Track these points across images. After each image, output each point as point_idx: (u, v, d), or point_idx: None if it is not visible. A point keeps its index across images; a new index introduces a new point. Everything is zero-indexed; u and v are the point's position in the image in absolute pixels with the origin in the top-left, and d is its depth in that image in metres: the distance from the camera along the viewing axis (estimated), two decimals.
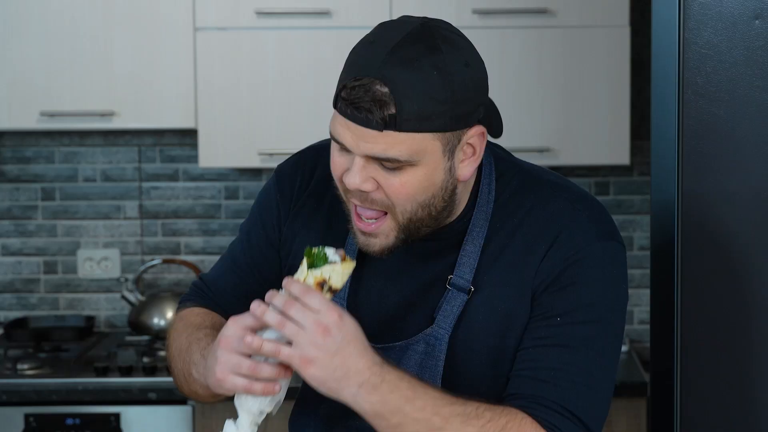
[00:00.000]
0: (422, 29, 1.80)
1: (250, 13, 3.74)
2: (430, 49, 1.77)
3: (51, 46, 3.75)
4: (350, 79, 1.77)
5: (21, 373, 3.67)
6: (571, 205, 1.91)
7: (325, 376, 1.76)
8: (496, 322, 1.89)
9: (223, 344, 1.81)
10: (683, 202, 2.15)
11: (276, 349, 1.77)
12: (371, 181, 1.80)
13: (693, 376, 2.17)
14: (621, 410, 3.59)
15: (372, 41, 1.81)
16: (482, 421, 1.78)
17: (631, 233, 4.12)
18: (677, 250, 2.16)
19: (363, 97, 1.75)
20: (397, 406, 1.76)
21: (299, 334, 1.76)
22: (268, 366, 1.80)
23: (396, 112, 1.74)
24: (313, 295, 1.78)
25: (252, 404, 1.84)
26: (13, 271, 4.19)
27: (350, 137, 1.78)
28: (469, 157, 1.84)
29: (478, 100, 1.81)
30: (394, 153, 1.76)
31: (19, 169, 4.16)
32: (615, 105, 3.70)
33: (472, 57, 1.82)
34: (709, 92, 2.13)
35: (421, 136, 1.76)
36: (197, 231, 4.17)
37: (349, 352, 1.76)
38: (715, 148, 2.14)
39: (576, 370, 1.83)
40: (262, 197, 2.08)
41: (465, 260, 1.90)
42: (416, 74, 1.75)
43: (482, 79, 1.83)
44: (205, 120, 3.75)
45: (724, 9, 2.12)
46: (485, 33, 3.70)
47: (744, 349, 2.16)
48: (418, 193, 1.81)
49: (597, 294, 1.86)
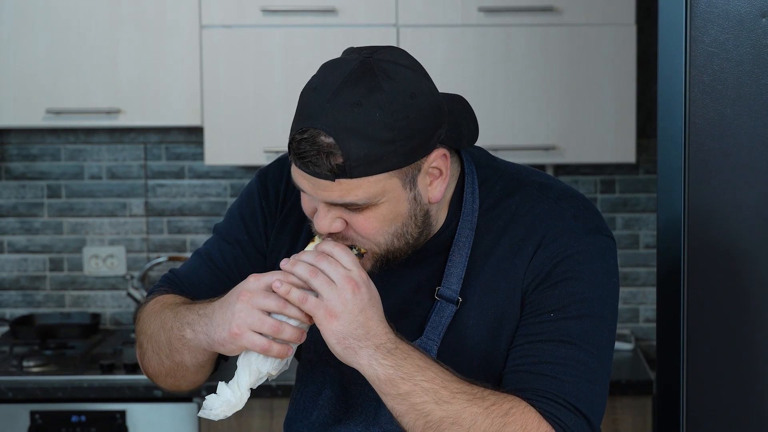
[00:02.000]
0: (362, 67, 1.75)
1: (256, 11, 3.74)
2: (371, 90, 1.73)
3: (57, 44, 3.75)
4: (297, 131, 1.76)
5: (27, 370, 3.68)
6: (556, 204, 1.90)
7: (347, 332, 1.76)
8: (486, 327, 1.89)
9: (245, 298, 1.79)
10: (690, 200, 2.15)
11: (303, 297, 1.77)
12: (339, 221, 1.81)
13: (699, 374, 2.17)
14: (627, 408, 3.59)
15: (314, 87, 1.77)
16: (487, 402, 1.78)
17: (637, 231, 4.12)
18: (684, 248, 2.16)
19: (309, 150, 1.74)
20: (408, 373, 1.76)
21: (329, 286, 1.76)
22: (290, 327, 1.79)
23: (344, 161, 1.73)
24: (346, 254, 1.79)
25: (262, 365, 1.81)
26: (19, 268, 4.19)
27: (308, 185, 1.78)
28: (437, 178, 1.83)
29: (432, 126, 1.78)
30: (351, 198, 1.76)
31: (25, 167, 4.16)
32: (621, 103, 3.70)
33: (418, 86, 1.77)
34: (715, 90, 2.13)
35: (375, 178, 1.75)
36: (203, 228, 4.17)
37: (372, 313, 1.78)
38: (721, 147, 2.13)
39: (574, 363, 1.83)
40: (244, 202, 2.06)
41: (453, 270, 1.90)
42: (359, 118, 1.72)
43: (434, 104, 1.79)
44: (210, 118, 3.75)
45: (730, 7, 2.12)
46: (491, 31, 3.70)
47: (750, 348, 2.16)
48: (386, 226, 1.81)
49: (588, 289, 1.86)
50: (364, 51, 1.79)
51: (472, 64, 3.71)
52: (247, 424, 3.60)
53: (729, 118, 2.13)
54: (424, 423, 1.77)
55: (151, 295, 2.03)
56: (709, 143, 2.14)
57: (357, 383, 1.94)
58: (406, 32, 3.70)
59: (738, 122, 2.13)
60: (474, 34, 3.71)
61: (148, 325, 1.97)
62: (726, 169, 2.14)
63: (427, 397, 1.76)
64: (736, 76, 2.12)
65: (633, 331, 4.13)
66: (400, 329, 1.87)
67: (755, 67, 2.11)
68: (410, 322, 1.91)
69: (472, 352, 1.89)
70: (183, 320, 1.89)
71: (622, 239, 4.11)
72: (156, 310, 1.97)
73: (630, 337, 4.01)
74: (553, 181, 1.96)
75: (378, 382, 1.77)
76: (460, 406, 1.76)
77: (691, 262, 2.16)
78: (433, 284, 1.91)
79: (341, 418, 1.95)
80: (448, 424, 1.76)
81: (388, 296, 1.90)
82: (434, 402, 1.76)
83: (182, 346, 1.89)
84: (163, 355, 1.94)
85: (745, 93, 2.12)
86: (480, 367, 1.89)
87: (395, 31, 3.70)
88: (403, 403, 1.77)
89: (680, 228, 2.17)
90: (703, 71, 2.13)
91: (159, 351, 1.94)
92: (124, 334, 4.10)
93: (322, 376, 1.99)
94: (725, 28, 2.12)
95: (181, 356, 1.91)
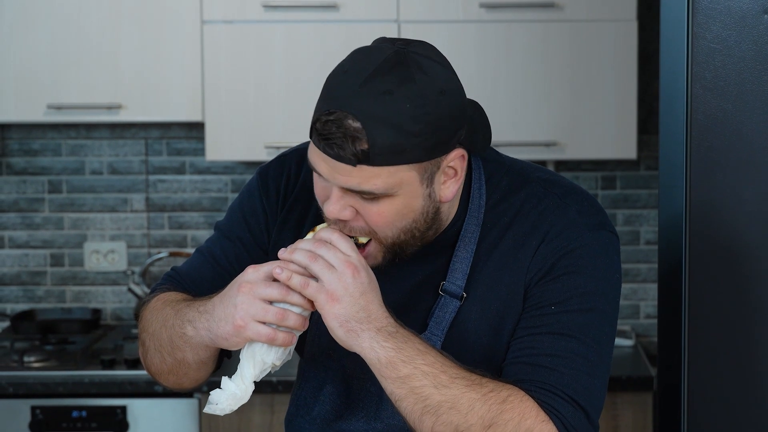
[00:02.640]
0: (396, 57, 1.76)
1: (257, 7, 3.74)
2: (403, 80, 1.74)
3: (58, 39, 3.75)
4: (323, 112, 1.76)
5: (27, 365, 3.68)
6: (560, 200, 1.91)
7: (348, 315, 1.77)
8: (489, 321, 1.90)
9: (245, 289, 1.79)
10: (692, 196, 2.15)
11: (305, 283, 1.77)
12: (350, 210, 1.81)
13: (700, 371, 2.17)
14: (627, 404, 3.59)
15: (346, 70, 1.77)
16: (485, 389, 1.78)
17: (638, 228, 4.12)
18: (685, 244, 2.16)
19: (335, 132, 1.74)
20: (409, 356, 1.77)
21: (330, 270, 1.77)
22: (294, 314, 1.79)
23: (368, 147, 1.73)
24: (345, 240, 1.80)
25: (266, 355, 1.81)
26: (20, 263, 4.19)
27: (326, 169, 1.78)
28: (451, 178, 1.84)
29: (456, 126, 1.79)
30: (369, 186, 1.77)
31: (26, 162, 4.17)
32: (622, 99, 3.70)
33: (448, 83, 1.79)
34: (717, 86, 2.13)
35: (396, 169, 1.76)
36: (204, 224, 4.17)
37: (373, 297, 1.79)
38: (723, 143, 2.14)
39: (574, 356, 1.84)
40: (245, 199, 2.06)
41: (458, 266, 1.91)
42: (389, 107, 1.73)
43: (460, 104, 1.80)
44: (211, 113, 3.75)
45: (732, 3, 2.12)
46: (492, 27, 3.69)
47: (750, 343, 2.16)
48: (397, 220, 1.81)
49: (590, 283, 1.87)
50: (398, 42, 1.80)
51: (473, 60, 3.71)
52: (247, 419, 3.60)
53: (731, 114, 2.13)
54: (422, 407, 1.77)
55: (153, 293, 2.03)
56: (710, 139, 2.14)
57: (359, 378, 1.94)
58: (407, 28, 3.70)
59: (740, 118, 2.13)
60: (475, 30, 3.71)
61: (150, 323, 1.97)
62: (727, 165, 2.14)
63: (426, 381, 1.77)
64: (738, 72, 2.12)
65: (634, 327, 4.13)
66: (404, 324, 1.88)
67: (757, 63, 2.11)
68: (414, 316, 1.91)
69: (475, 346, 1.90)
70: (184, 317, 1.89)
71: (623, 235, 4.11)
72: (157, 308, 1.97)
73: (631, 333, 4.01)
74: (558, 177, 1.97)
75: (379, 365, 1.78)
76: (459, 391, 1.77)
77: (693, 258, 2.16)
78: (438, 279, 1.92)
79: (343, 414, 1.95)
80: (446, 409, 1.77)
81: (393, 291, 1.91)
82: (433, 386, 1.77)
83: (184, 343, 1.90)
84: (165, 352, 1.94)
85: (747, 89, 2.12)
86: (482, 361, 1.89)
87: (396, 27, 3.70)
88: (403, 387, 1.77)
89: (681, 224, 2.17)
90: (705, 67, 2.13)
91: (161, 349, 1.95)
92: (125, 330, 4.10)
93: (324, 371, 1.99)
94: (727, 24, 2.12)
95: (183, 353, 1.91)
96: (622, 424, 3.60)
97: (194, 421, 3.59)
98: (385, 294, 1.85)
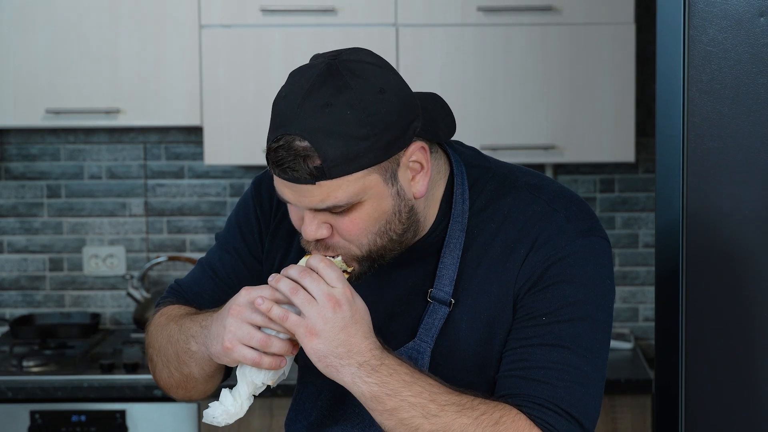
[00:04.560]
0: (328, 69, 1.77)
1: (255, 11, 3.74)
2: (339, 89, 1.75)
3: (56, 44, 3.75)
4: (272, 140, 1.76)
5: (26, 370, 3.68)
6: (548, 206, 1.89)
7: (327, 351, 1.76)
8: (479, 330, 1.88)
9: (234, 312, 1.80)
10: (688, 199, 2.15)
11: (284, 316, 1.77)
12: (326, 227, 1.81)
13: (697, 373, 2.17)
14: (626, 407, 3.59)
15: (284, 95, 1.79)
16: (477, 412, 1.78)
17: (636, 230, 4.12)
18: (682, 247, 2.17)
19: (286, 157, 1.74)
20: (394, 389, 1.76)
21: (310, 304, 1.76)
22: (278, 340, 1.79)
23: (321, 162, 1.73)
24: (331, 270, 1.79)
25: (256, 376, 1.83)
26: (19, 268, 4.20)
27: (290, 194, 1.79)
28: (419, 172, 1.83)
29: (405, 120, 1.79)
30: (333, 201, 1.76)
31: (25, 167, 4.17)
32: (620, 102, 3.70)
33: (386, 80, 1.78)
34: (714, 89, 2.13)
35: (355, 176, 1.76)
36: (202, 228, 4.17)
37: (355, 330, 1.77)
38: (719, 145, 2.14)
39: (567, 368, 1.83)
40: (240, 210, 2.07)
41: (444, 272, 1.90)
42: (331, 118, 1.73)
43: (404, 98, 1.80)
44: (210, 117, 3.75)
45: (729, 6, 2.12)
46: (490, 30, 3.70)
47: (748, 346, 2.16)
48: (370, 225, 1.81)
49: (581, 291, 1.85)
50: (329, 54, 1.81)
51: (471, 63, 3.71)
52: (246, 423, 3.60)
53: (727, 117, 2.13)
54: None
55: (158, 308, 2.06)
56: (707, 142, 2.14)
57: None
58: (405, 32, 3.71)
59: (736, 121, 2.13)
60: (473, 34, 3.72)
61: (156, 339, 1.99)
62: (724, 167, 2.14)
63: (414, 412, 1.76)
64: (734, 75, 2.12)
65: (632, 330, 4.13)
66: (393, 331, 1.87)
67: (753, 66, 2.12)
68: (403, 324, 1.91)
69: (465, 354, 1.89)
70: (187, 333, 1.91)
71: (622, 238, 4.11)
72: (162, 324, 1.99)
73: (629, 336, 4.01)
74: (546, 181, 1.95)
75: (363, 398, 1.78)
76: (449, 419, 1.77)
77: (690, 261, 2.16)
78: (426, 286, 1.91)
79: (338, 420, 1.96)
80: None
81: (381, 298, 1.91)
82: (422, 416, 1.76)
83: (189, 358, 1.92)
84: (172, 367, 1.96)
85: (743, 92, 2.12)
86: (473, 369, 1.89)
87: (394, 31, 3.71)
88: (391, 419, 1.77)
89: (679, 227, 2.18)
90: (702, 70, 2.13)
91: (168, 364, 1.97)
92: (123, 334, 4.10)
93: (321, 378, 1.99)
94: (723, 28, 2.12)
95: (189, 368, 1.93)
96: (620, 426, 3.60)
97: (193, 425, 3.59)
98: (375, 302, 1.85)
